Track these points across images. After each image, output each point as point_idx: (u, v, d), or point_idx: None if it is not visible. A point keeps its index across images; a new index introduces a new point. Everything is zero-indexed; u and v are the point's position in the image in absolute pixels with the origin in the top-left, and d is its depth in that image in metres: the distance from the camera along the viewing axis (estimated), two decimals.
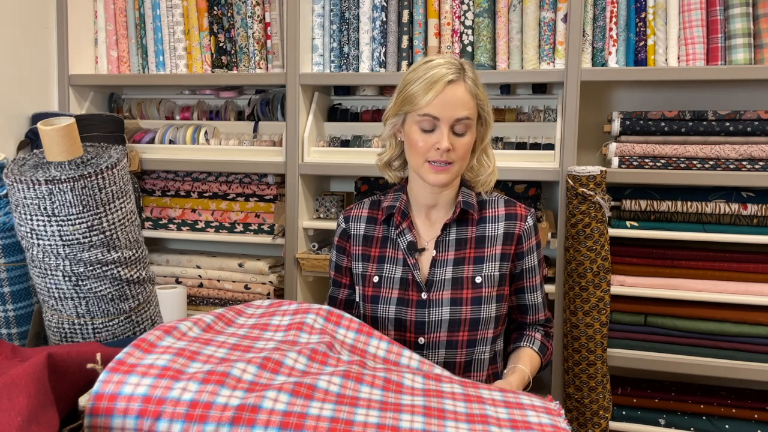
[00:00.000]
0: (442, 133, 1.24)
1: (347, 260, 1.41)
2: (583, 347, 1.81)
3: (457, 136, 1.26)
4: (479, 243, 1.33)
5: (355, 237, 1.40)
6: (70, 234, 1.07)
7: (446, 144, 1.23)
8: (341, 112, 2.28)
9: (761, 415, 1.86)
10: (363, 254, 1.38)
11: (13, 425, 0.62)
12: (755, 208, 1.80)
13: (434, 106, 1.23)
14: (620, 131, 1.87)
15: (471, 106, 1.26)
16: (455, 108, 1.24)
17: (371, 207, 1.41)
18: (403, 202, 1.36)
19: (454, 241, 1.33)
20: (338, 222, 1.44)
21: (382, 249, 1.37)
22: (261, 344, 0.95)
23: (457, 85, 1.25)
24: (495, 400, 0.87)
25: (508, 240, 1.32)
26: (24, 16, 2.13)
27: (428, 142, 1.25)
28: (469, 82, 1.26)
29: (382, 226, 1.38)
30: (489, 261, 1.31)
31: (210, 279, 2.25)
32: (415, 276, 1.31)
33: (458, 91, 1.24)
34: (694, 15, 1.83)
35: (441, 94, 1.23)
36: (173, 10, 2.21)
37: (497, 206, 1.36)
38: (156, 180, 2.33)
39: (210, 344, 0.91)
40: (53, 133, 1.08)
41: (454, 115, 1.24)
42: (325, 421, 0.75)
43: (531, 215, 1.36)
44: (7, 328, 1.21)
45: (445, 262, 1.32)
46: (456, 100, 1.24)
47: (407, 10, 2.01)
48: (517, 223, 1.33)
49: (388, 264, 1.35)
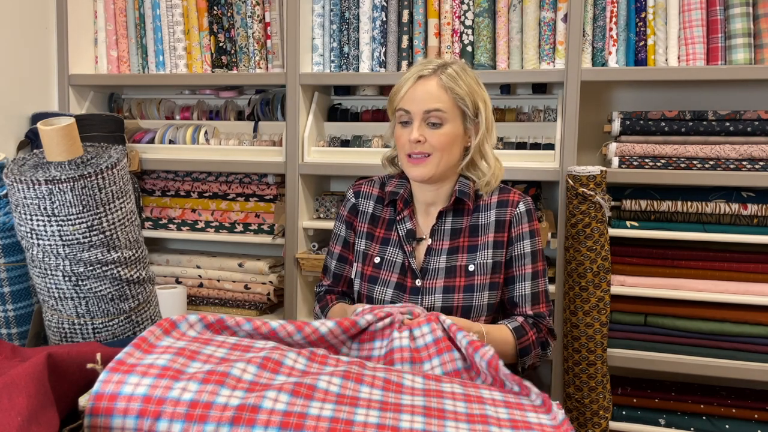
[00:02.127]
0: (414, 126, 1.29)
1: (354, 236, 1.43)
2: (583, 347, 1.81)
3: (431, 129, 1.29)
4: (473, 232, 1.35)
5: (363, 214, 1.42)
6: (70, 234, 1.07)
7: (415, 135, 1.28)
8: (341, 112, 2.28)
9: (761, 415, 1.86)
10: (368, 233, 1.40)
11: (13, 425, 0.62)
12: (755, 208, 1.80)
13: (406, 101, 1.30)
14: (620, 131, 1.87)
15: (443, 99, 1.29)
16: (424, 101, 1.29)
17: (381, 187, 1.44)
18: (407, 190, 1.39)
19: (449, 231, 1.35)
20: (347, 196, 1.46)
21: (387, 231, 1.39)
22: (260, 344, 0.95)
23: (429, 79, 1.30)
24: (495, 400, 0.87)
25: (500, 227, 1.34)
26: (24, 16, 2.13)
27: (405, 136, 1.31)
28: (443, 78, 1.29)
29: (389, 208, 1.41)
30: (482, 249, 1.33)
31: (210, 279, 2.25)
32: (411, 263, 1.34)
33: (428, 85, 1.30)
34: (694, 15, 1.83)
35: (411, 89, 1.30)
36: (173, 9, 2.21)
37: (491, 195, 1.37)
38: (156, 180, 2.33)
39: (210, 344, 0.91)
40: (53, 133, 1.08)
41: (423, 107, 1.28)
42: (325, 421, 0.75)
43: (524, 202, 1.36)
44: (7, 328, 1.21)
45: (439, 251, 1.34)
46: (425, 93, 1.29)
47: (407, 10, 2.01)
48: (508, 210, 1.34)
49: (390, 247, 1.37)
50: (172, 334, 0.92)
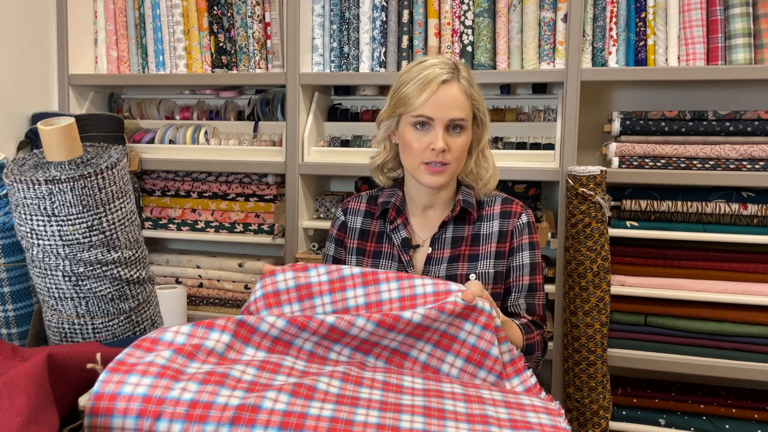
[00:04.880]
0: (437, 134, 1.23)
1: (344, 253, 1.41)
2: (583, 347, 1.81)
3: (452, 137, 1.25)
4: (474, 241, 1.33)
5: (352, 230, 1.39)
6: (70, 234, 1.07)
7: (441, 144, 1.22)
8: (341, 112, 2.28)
9: (761, 415, 1.86)
10: (359, 248, 1.38)
11: (13, 425, 0.62)
12: (755, 208, 1.80)
13: (428, 107, 1.23)
14: (620, 131, 1.87)
15: (466, 106, 1.25)
16: (450, 108, 1.23)
17: (369, 201, 1.41)
18: (398, 198, 1.36)
19: (450, 239, 1.33)
20: (336, 214, 1.43)
21: (378, 244, 1.36)
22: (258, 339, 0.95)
23: (451, 84, 1.24)
24: (495, 400, 0.87)
25: (502, 238, 1.32)
26: (24, 16, 2.13)
27: (423, 143, 1.25)
28: (463, 82, 1.26)
29: (378, 221, 1.38)
30: (484, 259, 1.31)
31: (210, 279, 2.25)
32: (409, 272, 1.31)
33: (452, 91, 1.24)
34: (694, 15, 1.83)
35: (435, 95, 1.23)
36: (173, 9, 2.21)
37: (494, 204, 1.35)
38: (156, 180, 2.33)
39: (207, 341, 0.91)
40: (53, 133, 1.08)
41: (449, 116, 1.23)
42: (325, 421, 0.75)
43: (526, 213, 1.35)
44: (7, 328, 1.21)
45: (440, 259, 1.32)
46: (450, 100, 1.24)
47: (407, 9, 2.01)
48: (510, 221, 1.32)
49: (383, 260, 1.35)
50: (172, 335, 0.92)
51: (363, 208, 1.40)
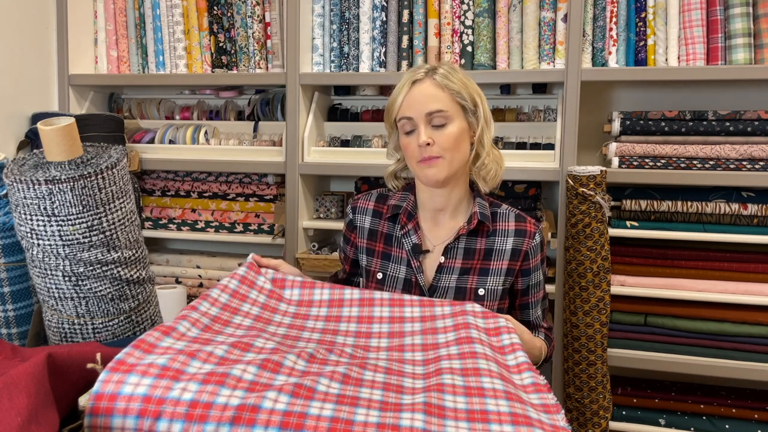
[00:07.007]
0: (420, 130, 1.27)
1: (350, 249, 1.44)
2: (583, 347, 1.81)
3: (436, 130, 1.27)
4: (487, 255, 1.33)
5: (360, 229, 1.41)
6: (70, 234, 1.07)
7: (423, 138, 1.26)
8: (341, 112, 2.28)
9: (761, 415, 1.86)
10: (368, 248, 1.39)
11: (13, 425, 0.62)
12: (755, 208, 1.80)
13: (405, 107, 1.29)
14: (620, 131, 1.87)
15: (442, 97, 1.28)
16: (424, 103, 1.27)
17: (378, 200, 1.42)
18: (410, 203, 1.37)
19: (463, 250, 1.33)
20: (347, 211, 1.46)
21: (387, 246, 1.38)
22: (261, 342, 0.95)
23: (423, 82, 1.29)
24: (497, 391, 0.87)
25: (515, 256, 1.33)
26: (24, 16, 2.13)
27: (413, 143, 1.28)
28: (437, 78, 1.28)
29: (386, 222, 1.39)
30: (494, 275, 1.32)
31: (210, 279, 2.25)
32: (418, 279, 1.32)
33: (424, 87, 1.28)
34: (694, 15, 1.83)
35: (408, 95, 1.29)
36: (173, 9, 2.21)
37: (508, 220, 1.36)
38: (156, 180, 2.33)
39: (209, 344, 0.91)
40: (53, 133, 1.08)
41: (425, 110, 1.27)
42: (326, 421, 0.75)
43: (539, 232, 1.37)
44: (7, 328, 1.21)
45: (451, 269, 1.32)
46: (423, 95, 1.28)
47: (407, 9, 2.01)
48: (525, 240, 1.34)
49: (392, 263, 1.36)
50: (171, 335, 0.92)
51: (371, 207, 1.42)
